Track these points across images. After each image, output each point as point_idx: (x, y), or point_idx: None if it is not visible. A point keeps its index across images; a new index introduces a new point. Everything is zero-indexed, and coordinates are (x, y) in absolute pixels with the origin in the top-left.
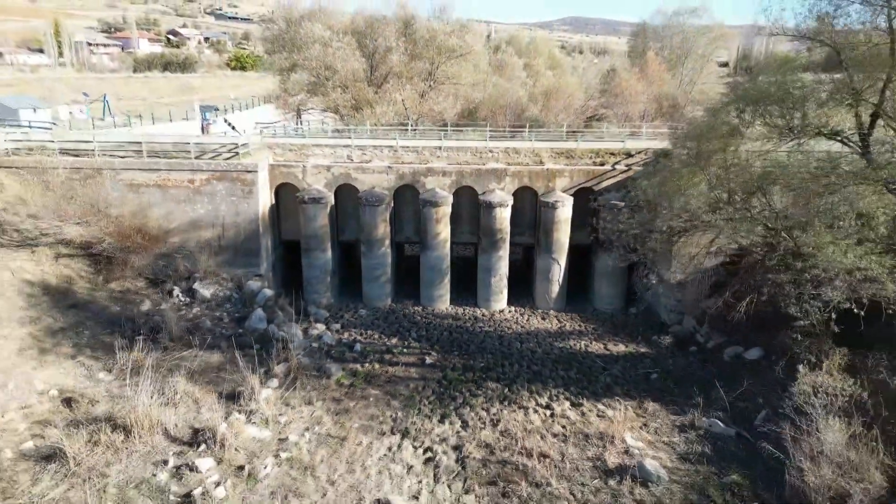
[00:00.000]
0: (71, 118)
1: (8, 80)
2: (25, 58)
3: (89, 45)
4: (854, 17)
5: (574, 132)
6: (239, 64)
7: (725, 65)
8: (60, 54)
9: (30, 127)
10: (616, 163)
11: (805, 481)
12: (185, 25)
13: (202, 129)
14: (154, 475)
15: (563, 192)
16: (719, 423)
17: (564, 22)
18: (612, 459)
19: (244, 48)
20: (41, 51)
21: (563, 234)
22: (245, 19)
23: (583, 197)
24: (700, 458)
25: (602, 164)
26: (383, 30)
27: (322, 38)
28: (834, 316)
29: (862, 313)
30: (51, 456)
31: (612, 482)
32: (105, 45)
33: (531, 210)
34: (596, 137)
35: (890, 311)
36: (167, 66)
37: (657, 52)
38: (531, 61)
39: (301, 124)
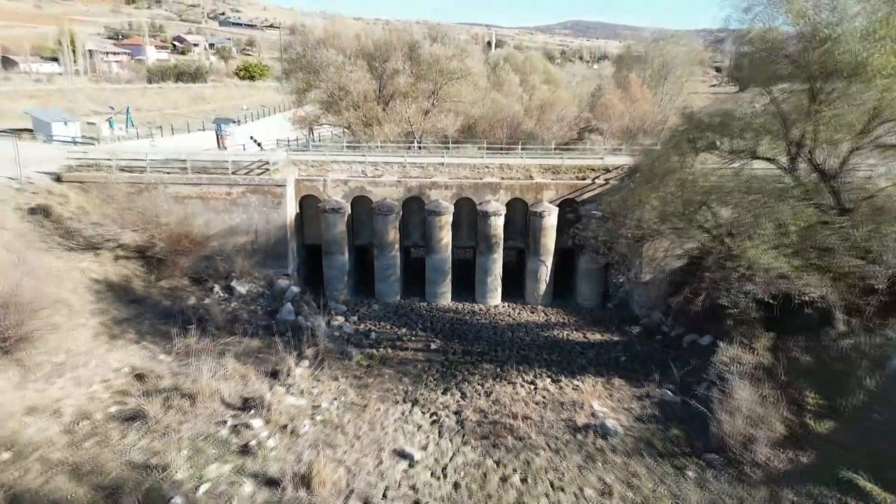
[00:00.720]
0: (111, 133)
1: (31, 91)
2: (38, 66)
3: (101, 53)
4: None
5: (561, 149)
6: (247, 73)
7: (719, 70)
8: (74, 62)
9: (74, 143)
10: (596, 177)
11: (723, 430)
12: (190, 32)
13: (218, 140)
14: (217, 431)
15: (550, 202)
16: (669, 392)
17: (565, 26)
18: (581, 420)
19: (249, 54)
20: (54, 59)
21: (549, 240)
22: (249, 25)
23: (567, 207)
24: (650, 419)
25: (583, 179)
26: (391, 54)
27: (336, 61)
28: (754, 305)
29: (775, 304)
30: (133, 417)
31: (579, 436)
32: (115, 54)
33: (522, 218)
34: (579, 154)
35: (798, 302)
36: (179, 76)
37: (639, 75)
38: (527, 77)
39: (313, 138)
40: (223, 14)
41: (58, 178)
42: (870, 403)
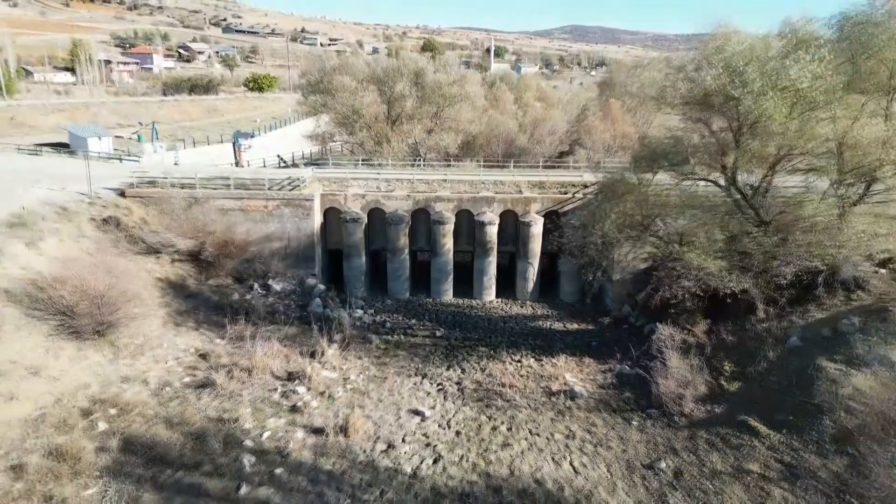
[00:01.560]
0: (153, 150)
1: (58, 105)
2: (52, 76)
3: (109, 63)
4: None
5: (547, 167)
6: (256, 85)
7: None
8: (87, 72)
9: (119, 160)
10: (575, 192)
11: (660, 391)
12: (194, 40)
13: (235, 154)
14: (271, 395)
15: (536, 213)
16: (626, 367)
17: (564, 30)
18: (555, 387)
19: (253, 62)
20: (66, 69)
21: (536, 245)
22: (252, 32)
23: (550, 217)
24: (609, 386)
25: (565, 193)
26: (398, 80)
27: (350, 87)
28: (689, 298)
29: (705, 296)
30: (203, 385)
31: (552, 399)
32: (125, 64)
33: (513, 227)
34: (562, 171)
35: (730, 295)
36: (193, 88)
37: (618, 99)
38: (521, 95)
39: (328, 150)
40: (224, 20)
41: (122, 194)
42: (770, 370)
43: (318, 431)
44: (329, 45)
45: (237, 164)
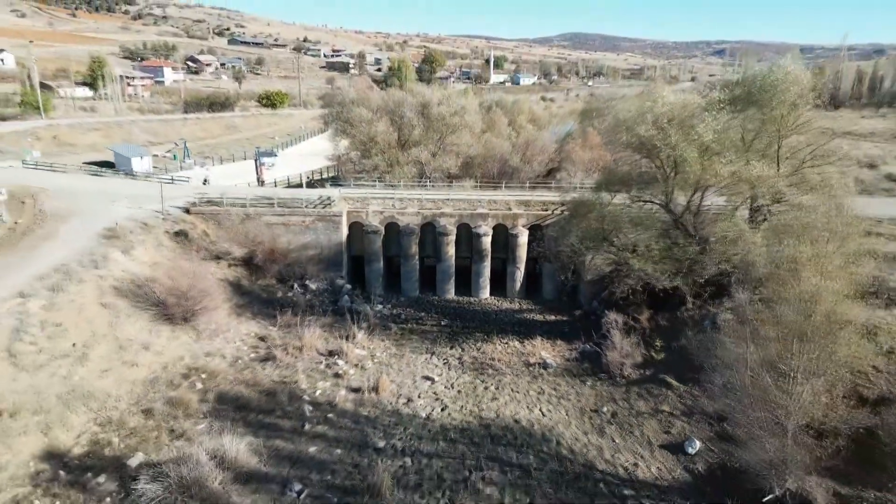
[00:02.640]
0: (206, 173)
1: (93, 125)
2: (72, 90)
3: (127, 77)
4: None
5: (532, 187)
6: (269, 101)
7: None
8: (103, 85)
9: (171, 181)
10: (554, 209)
11: (608, 361)
12: (202, 52)
13: (257, 170)
14: (318, 366)
15: (523, 227)
16: (588, 347)
17: (564, 38)
18: (532, 360)
19: (259, 73)
20: (85, 84)
21: (522, 252)
22: (256, 44)
23: (534, 229)
24: (574, 360)
25: (546, 210)
26: (407, 111)
27: (366, 117)
28: (631, 293)
29: (642, 291)
30: (266, 359)
31: (530, 368)
32: (140, 78)
33: (503, 237)
34: (544, 191)
35: (667, 290)
36: (211, 105)
37: (596, 127)
38: (515, 118)
39: (343, 171)
40: (228, 30)
41: (186, 211)
42: (687, 344)
43: (355, 390)
44: (332, 55)
45: (258, 179)
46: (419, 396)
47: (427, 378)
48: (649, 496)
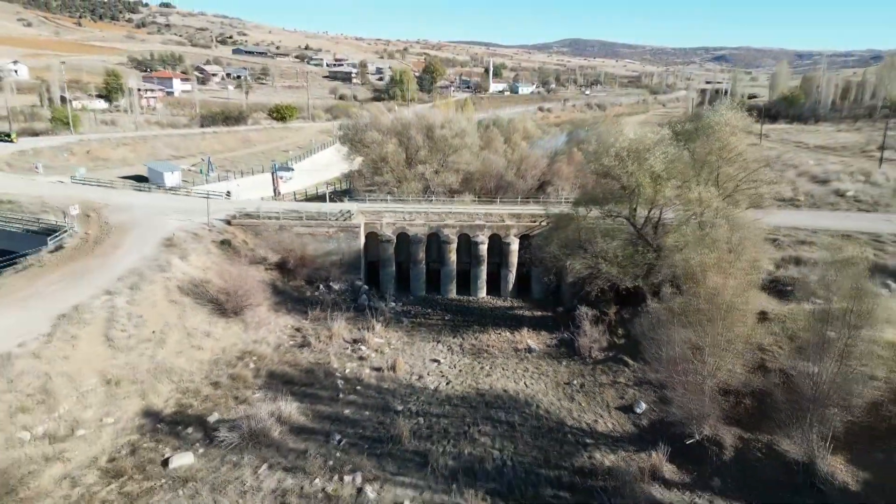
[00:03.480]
0: (229, 186)
1: (121, 139)
2: (87, 103)
3: (140, 90)
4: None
5: (524, 201)
6: (279, 115)
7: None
8: (118, 99)
9: (207, 197)
10: (541, 221)
11: (580, 345)
12: (208, 62)
13: (273, 183)
14: (345, 350)
15: (514, 236)
16: (566, 335)
17: (563, 44)
18: (520, 347)
19: (264, 83)
20: (101, 96)
21: (513, 258)
22: (260, 53)
23: (524, 238)
24: (554, 345)
25: (534, 222)
26: (414, 133)
27: (378, 139)
28: (599, 292)
29: (609, 290)
30: (302, 345)
31: (517, 352)
32: (152, 90)
33: (498, 245)
34: (533, 205)
35: (626, 290)
36: (226, 119)
37: (581, 149)
38: (510, 136)
39: (354, 185)
40: (230, 38)
41: (228, 223)
42: (642, 331)
43: (377, 369)
44: (335, 64)
45: (275, 191)
46: (428, 374)
47: (434, 360)
48: (605, 444)
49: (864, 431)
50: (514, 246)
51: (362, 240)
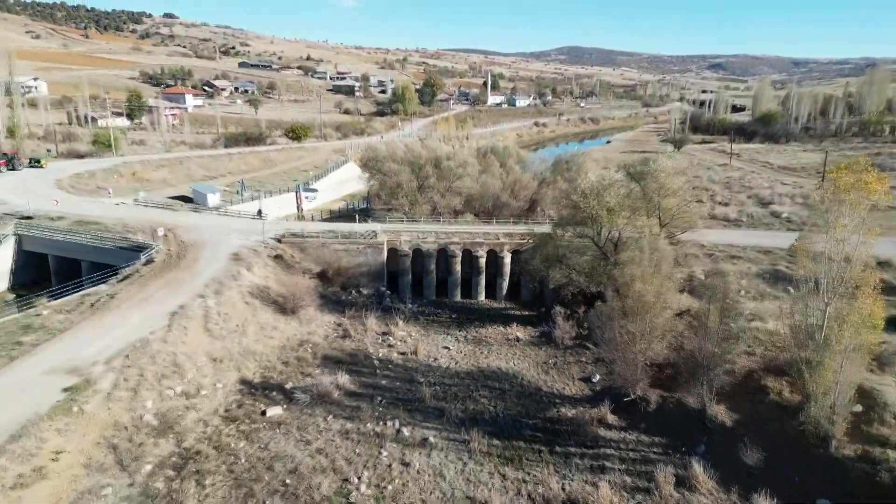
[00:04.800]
0: (260, 205)
1: (159, 162)
2: (111, 121)
3: (159, 109)
4: None
5: (515, 222)
6: (295, 134)
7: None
8: (140, 117)
9: (260, 217)
10: (529, 239)
11: (555, 336)
12: (216, 77)
13: (297, 202)
14: (378, 340)
15: (507, 251)
16: (545, 328)
17: (561, 52)
18: (510, 337)
19: (270, 97)
20: (121, 114)
21: (506, 269)
22: (265, 66)
23: (515, 253)
24: (537, 337)
25: (524, 239)
26: (424, 164)
27: (395, 169)
28: (571, 295)
29: (579, 293)
30: (344, 336)
31: (507, 340)
32: (171, 108)
33: (494, 258)
34: (523, 225)
35: (592, 293)
36: (248, 140)
37: (563, 176)
38: (505, 161)
39: (371, 204)
40: (233, 48)
41: (279, 240)
42: (606, 322)
43: (403, 353)
44: (338, 78)
45: (298, 208)
46: (441, 357)
47: (445, 347)
48: (569, 402)
49: (740, 388)
50: (507, 259)
51: (385, 254)
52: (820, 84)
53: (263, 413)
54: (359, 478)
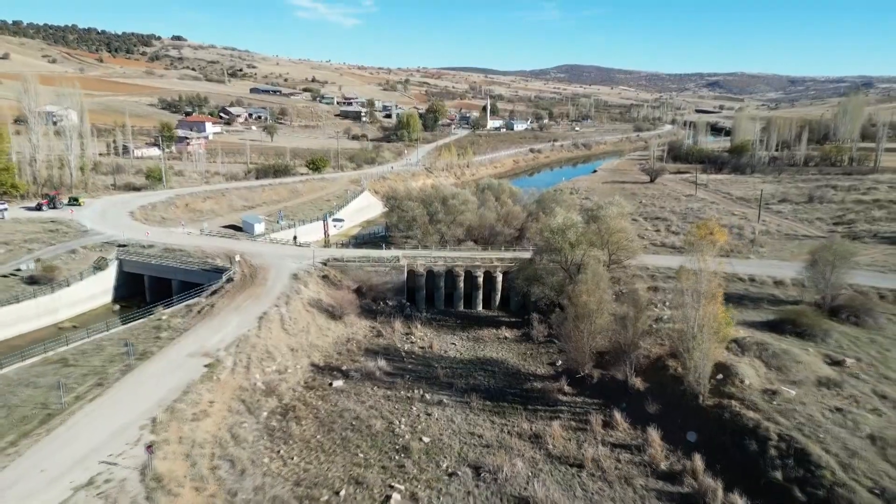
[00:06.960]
0: (295, 232)
1: (205, 193)
2: (143, 151)
3: (186, 139)
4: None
5: (506, 248)
6: (314, 166)
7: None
8: (170, 147)
9: (296, 243)
10: (516, 263)
11: (532, 335)
12: (231, 104)
13: (324, 230)
14: (402, 338)
15: (500, 272)
16: (526, 330)
17: (560, 70)
18: (500, 337)
19: (282, 122)
20: (154, 144)
21: (499, 285)
22: (275, 91)
23: (506, 273)
24: (520, 336)
25: (512, 263)
26: (433, 201)
27: (410, 206)
28: (547, 305)
29: (551, 304)
30: (378, 336)
31: (498, 339)
32: (196, 138)
33: (489, 278)
34: (513, 252)
35: (560, 302)
36: (276, 172)
37: (546, 211)
38: (500, 195)
39: (389, 232)
40: (241, 70)
41: (325, 263)
42: (563, 323)
43: (422, 347)
44: (344, 103)
45: (325, 234)
46: (449, 349)
47: (452, 343)
48: (539, 379)
49: (652, 366)
50: (500, 278)
51: (405, 274)
52: (813, 104)
53: (331, 384)
54: (399, 421)
